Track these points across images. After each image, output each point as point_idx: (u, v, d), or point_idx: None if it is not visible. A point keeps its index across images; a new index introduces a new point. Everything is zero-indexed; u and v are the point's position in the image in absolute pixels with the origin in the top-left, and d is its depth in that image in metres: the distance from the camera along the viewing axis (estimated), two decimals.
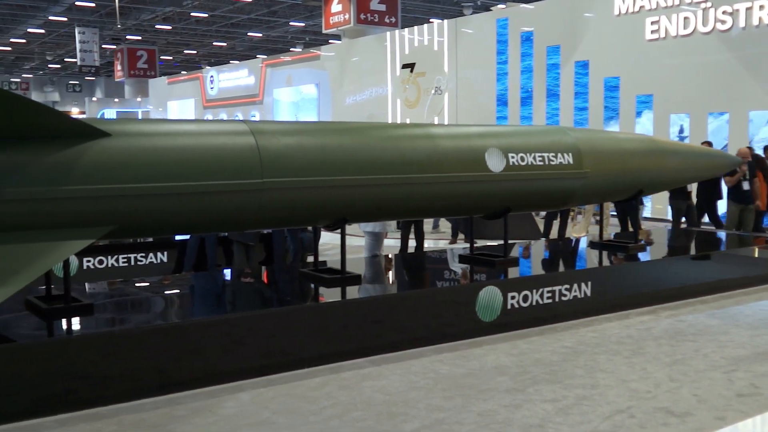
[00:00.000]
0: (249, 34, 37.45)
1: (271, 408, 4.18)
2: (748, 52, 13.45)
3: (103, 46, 38.59)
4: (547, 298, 6.04)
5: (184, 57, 46.98)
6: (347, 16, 23.36)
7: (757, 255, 8.15)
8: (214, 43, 41.27)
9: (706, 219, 11.44)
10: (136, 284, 6.02)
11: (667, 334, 5.79)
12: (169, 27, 35.66)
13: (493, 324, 5.70)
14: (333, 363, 4.90)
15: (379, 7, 23.58)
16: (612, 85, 15.75)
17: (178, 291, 6.08)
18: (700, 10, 14.06)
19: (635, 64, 15.15)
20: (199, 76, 32.55)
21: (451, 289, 5.96)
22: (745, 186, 10.56)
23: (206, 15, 32.85)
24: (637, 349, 5.39)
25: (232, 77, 30.02)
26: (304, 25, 34.54)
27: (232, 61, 39.12)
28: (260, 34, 37.58)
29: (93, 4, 31.44)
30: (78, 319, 4.62)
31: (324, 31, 25.21)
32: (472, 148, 5.91)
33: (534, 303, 5.95)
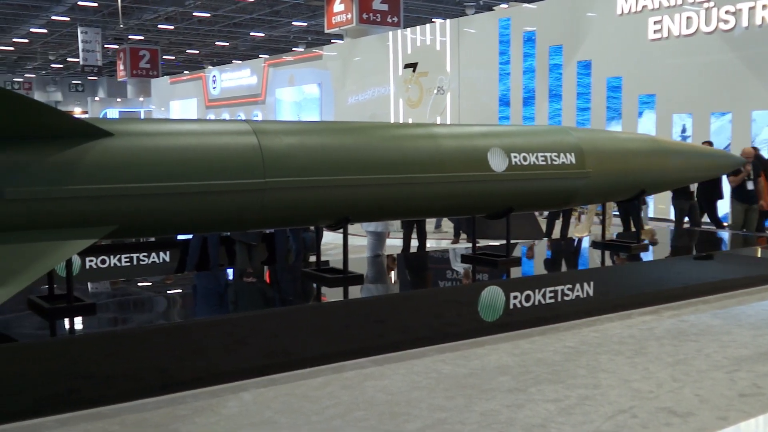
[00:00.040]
0: (251, 33, 37.45)
1: (274, 408, 4.18)
2: (751, 52, 13.43)
3: (106, 46, 38.63)
4: (550, 298, 6.04)
5: (187, 57, 47.01)
6: (350, 16, 23.35)
7: (760, 255, 8.14)
8: (217, 43, 41.28)
9: (705, 218, 11.43)
10: (139, 284, 6.03)
11: (670, 334, 5.79)
12: (172, 27, 35.67)
13: (496, 324, 5.70)
14: (335, 363, 4.90)
15: (381, 7, 23.55)
16: (614, 85, 15.72)
17: (181, 291, 6.09)
18: (703, 10, 14.04)
19: (638, 63, 15.12)
20: (202, 76, 32.58)
21: (454, 289, 5.96)
22: (750, 186, 10.57)
23: (208, 15, 32.86)
24: (639, 349, 5.38)
25: (235, 77, 30.02)
26: (306, 24, 34.54)
27: (234, 61, 39.14)
28: (263, 34, 37.58)
29: (95, 4, 31.46)
30: (80, 319, 4.63)
31: (326, 31, 25.20)
32: (474, 147, 5.91)
33: (536, 303, 5.95)
